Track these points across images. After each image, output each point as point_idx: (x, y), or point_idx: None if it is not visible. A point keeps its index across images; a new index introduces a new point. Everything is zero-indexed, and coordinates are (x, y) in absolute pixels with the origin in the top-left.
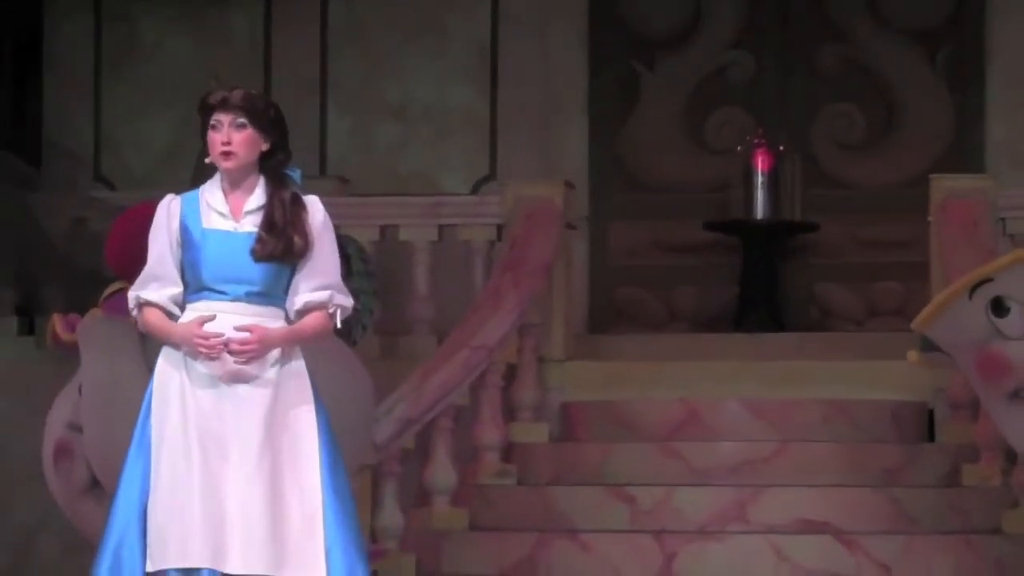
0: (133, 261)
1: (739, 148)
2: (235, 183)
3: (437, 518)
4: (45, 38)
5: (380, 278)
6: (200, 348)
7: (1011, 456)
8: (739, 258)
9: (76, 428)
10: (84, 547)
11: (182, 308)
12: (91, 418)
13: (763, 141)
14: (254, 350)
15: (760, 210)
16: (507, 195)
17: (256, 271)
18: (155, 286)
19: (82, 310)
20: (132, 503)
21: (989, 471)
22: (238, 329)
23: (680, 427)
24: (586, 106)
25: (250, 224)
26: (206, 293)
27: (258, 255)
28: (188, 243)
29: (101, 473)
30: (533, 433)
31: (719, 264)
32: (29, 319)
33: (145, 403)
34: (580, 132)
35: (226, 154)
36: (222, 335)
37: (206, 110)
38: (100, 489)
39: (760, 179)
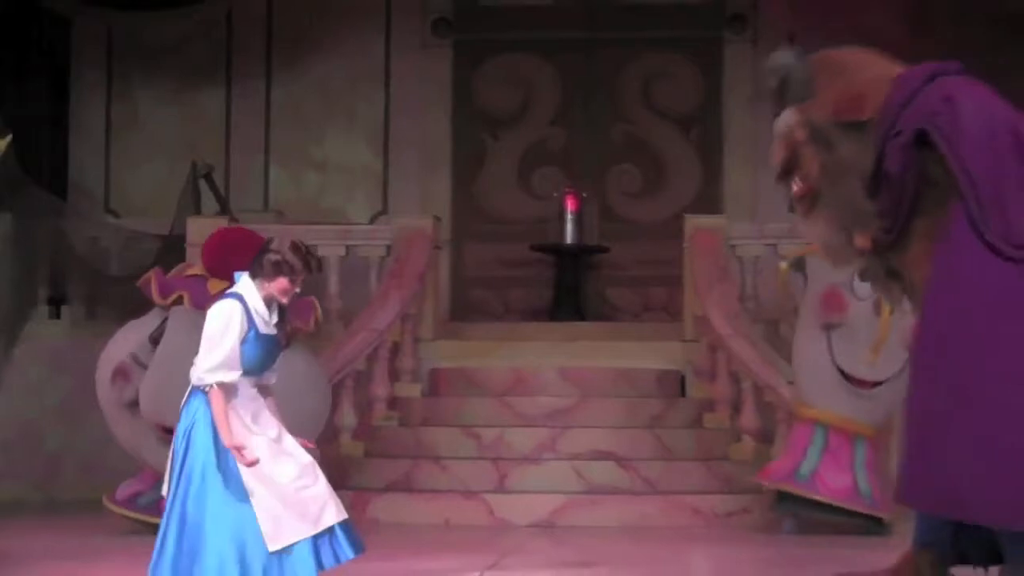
0: (217, 260)
1: (555, 194)
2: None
3: (343, 448)
4: (71, 112)
5: (306, 283)
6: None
7: (736, 407)
8: (554, 270)
9: (139, 362)
10: (97, 469)
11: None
12: (156, 369)
13: (572, 190)
14: None
15: (569, 237)
16: (394, 225)
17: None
18: (231, 373)
19: (95, 302)
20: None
21: (722, 417)
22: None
23: (511, 387)
24: (450, 164)
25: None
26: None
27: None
28: (249, 340)
29: (143, 401)
30: (410, 390)
31: (540, 274)
32: (56, 307)
33: (203, 445)
34: (445, 182)
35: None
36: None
37: (298, 269)
38: (136, 408)
39: (569, 216)
